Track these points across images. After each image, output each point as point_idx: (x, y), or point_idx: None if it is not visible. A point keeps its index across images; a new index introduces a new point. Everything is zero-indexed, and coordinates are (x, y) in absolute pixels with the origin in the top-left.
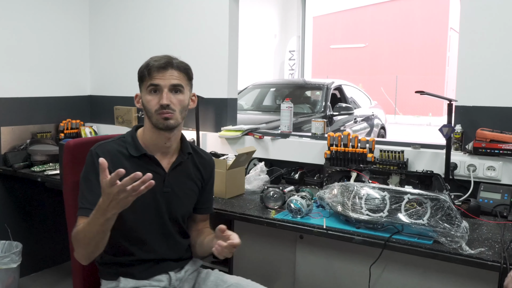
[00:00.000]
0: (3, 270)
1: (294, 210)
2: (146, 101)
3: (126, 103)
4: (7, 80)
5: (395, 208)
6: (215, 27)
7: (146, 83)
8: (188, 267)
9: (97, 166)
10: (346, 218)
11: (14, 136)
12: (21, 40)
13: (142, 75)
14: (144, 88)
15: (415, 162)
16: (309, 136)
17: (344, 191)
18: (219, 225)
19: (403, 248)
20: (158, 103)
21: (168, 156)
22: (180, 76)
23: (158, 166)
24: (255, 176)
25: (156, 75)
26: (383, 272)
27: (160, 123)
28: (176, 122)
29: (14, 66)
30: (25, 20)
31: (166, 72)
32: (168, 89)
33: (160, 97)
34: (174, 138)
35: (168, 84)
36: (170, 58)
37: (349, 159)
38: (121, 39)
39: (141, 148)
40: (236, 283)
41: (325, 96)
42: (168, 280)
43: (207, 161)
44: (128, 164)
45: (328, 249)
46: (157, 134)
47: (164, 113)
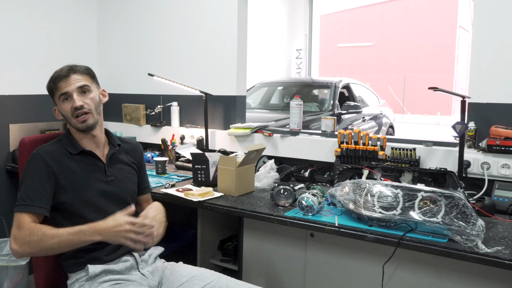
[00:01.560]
0: (12, 268)
1: (306, 208)
2: (62, 110)
3: (134, 101)
4: (16, 78)
5: (408, 206)
6: (224, 24)
7: (57, 95)
8: (152, 251)
9: (43, 167)
10: (358, 216)
11: (23, 133)
12: (30, 38)
13: (51, 89)
14: (57, 100)
15: (427, 160)
16: (319, 133)
17: (356, 189)
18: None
19: (417, 246)
20: (72, 107)
21: (101, 149)
22: (83, 77)
23: (96, 159)
24: (265, 173)
25: (62, 85)
26: (395, 270)
27: (80, 126)
28: (94, 120)
29: (22, 64)
30: (34, 18)
31: (70, 78)
32: (76, 93)
33: (72, 101)
34: (99, 133)
35: (75, 88)
36: (71, 65)
37: (360, 156)
38: (130, 37)
39: (79, 145)
40: (200, 274)
41: (333, 94)
42: (134, 260)
43: (135, 146)
44: (70, 162)
45: (339, 247)
46: (83, 135)
47: (80, 114)
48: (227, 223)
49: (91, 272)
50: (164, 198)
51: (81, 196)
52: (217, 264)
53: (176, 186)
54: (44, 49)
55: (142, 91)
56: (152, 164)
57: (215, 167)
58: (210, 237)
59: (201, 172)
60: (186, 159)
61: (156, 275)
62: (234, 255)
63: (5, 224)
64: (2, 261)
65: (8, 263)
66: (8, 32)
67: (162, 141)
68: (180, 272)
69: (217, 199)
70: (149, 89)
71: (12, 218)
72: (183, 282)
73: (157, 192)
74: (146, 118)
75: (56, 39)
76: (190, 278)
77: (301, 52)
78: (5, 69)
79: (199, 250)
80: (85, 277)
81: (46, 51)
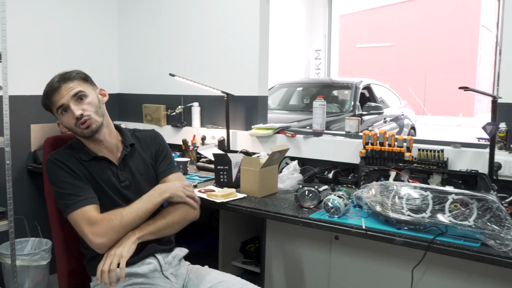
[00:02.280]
0: (33, 267)
1: (332, 210)
2: (64, 123)
3: (155, 101)
4: (36, 78)
5: (438, 208)
6: (246, 23)
7: (54, 110)
8: (176, 252)
9: (62, 167)
10: (386, 219)
11: (44, 133)
12: (51, 39)
13: (47, 106)
14: (56, 114)
15: (455, 161)
16: (342, 134)
17: (384, 191)
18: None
19: (449, 250)
20: (73, 117)
21: (114, 152)
22: (75, 83)
23: (110, 163)
24: (288, 175)
25: (56, 98)
26: (423, 275)
27: (85, 133)
28: (97, 123)
29: (43, 64)
30: (55, 18)
31: (61, 89)
32: (73, 102)
33: (71, 112)
34: (107, 135)
35: (69, 97)
36: (59, 75)
37: (386, 158)
38: (150, 37)
39: (91, 152)
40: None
41: (354, 95)
42: (157, 262)
43: (151, 139)
44: (83, 168)
45: (365, 250)
46: (91, 141)
47: (82, 123)
48: (248, 224)
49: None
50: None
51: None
52: (239, 266)
53: (198, 187)
54: (65, 49)
55: (163, 92)
56: None
57: (238, 168)
58: (232, 239)
59: (223, 173)
60: (208, 159)
61: (180, 278)
62: (256, 257)
63: (26, 223)
64: (23, 260)
65: (29, 262)
66: (29, 33)
67: (183, 142)
68: (206, 276)
69: (240, 201)
70: (170, 90)
71: (33, 218)
72: (209, 287)
73: None
74: (166, 118)
75: (76, 39)
76: (216, 283)
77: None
78: (26, 70)
79: (221, 252)
80: None
81: (67, 51)
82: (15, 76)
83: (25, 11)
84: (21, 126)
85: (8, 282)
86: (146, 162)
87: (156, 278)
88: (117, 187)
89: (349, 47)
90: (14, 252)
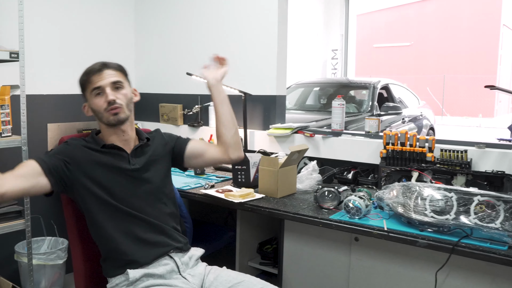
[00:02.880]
0: (49, 266)
1: (353, 211)
2: (94, 105)
3: (171, 101)
4: (53, 77)
5: (463, 210)
6: (264, 22)
7: (89, 89)
8: (192, 252)
9: (67, 153)
10: (408, 220)
11: (61, 132)
12: (67, 38)
13: (83, 83)
14: (89, 95)
15: (479, 162)
16: (362, 134)
17: (406, 192)
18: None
19: (474, 253)
20: (105, 101)
21: (130, 144)
22: (117, 73)
23: (120, 151)
24: (307, 175)
25: (95, 79)
26: (446, 278)
27: (111, 120)
28: (125, 114)
29: (60, 63)
30: (71, 18)
31: (103, 73)
32: (110, 87)
33: (105, 96)
34: (129, 129)
35: (108, 82)
36: (104, 62)
37: (407, 158)
38: (167, 37)
39: (101, 141)
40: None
41: (372, 95)
42: (174, 263)
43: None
44: (95, 155)
45: (386, 252)
46: (112, 131)
47: (113, 108)
48: (266, 225)
49: (132, 277)
50: (203, 199)
51: (107, 187)
52: (256, 267)
53: (216, 187)
54: (81, 48)
55: (180, 91)
56: None
57: (256, 168)
58: (249, 239)
59: (241, 173)
60: None
61: (198, 278)
62: (273, 258)
63: (43, 222)
64: (39, 259)
65: (45, 261)
66: (45, 32)
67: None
68: (225, 277)
69: (258, 201)
70: (187, 89)
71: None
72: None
73: (196, 193)
74: (183, 118)
75: (93, 39)
76: (236, 283)
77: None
78: (43, 69)
79: (238, 252)
80: (125, 282)
81: (83, 51)
82: (32, 75)
83: (42, 10)
84: (38, 125)
85: (24, 281)
86: (159, 151)
87: (174, 279)
88: (127, 168)
89: (366, 47)
90: (30, 251)
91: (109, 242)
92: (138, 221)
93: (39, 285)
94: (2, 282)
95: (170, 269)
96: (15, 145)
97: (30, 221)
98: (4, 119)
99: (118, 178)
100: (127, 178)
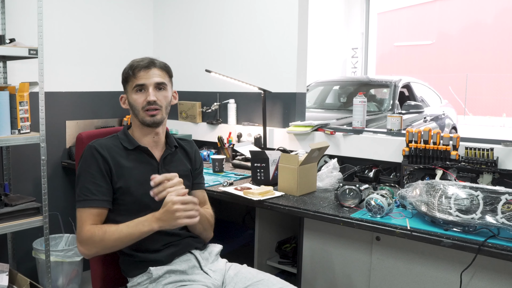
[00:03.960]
0: (67, 263)
1: (375, 209)
2: (133, 100)
3: (190, 98)
4: (72, 75)
5: (490, 209)
6: (284, 19)
7: (131, 84)
8: (211, 248)
9: (98, 159)
10: (432, 219)
11: (79, 129)
12: (86, 36)
13: (127, 76)
14: (130, 89)
15: (506, 161)
16: (384, 132)
17: (430, 190)
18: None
19: (501, 254)
20: (145, 100)
21: (158, 150)
22: (162, 74)
23: (151, 158)
24: (327, 173)
25: (140, 75)
26: (471, 279)
27: (147, 120)
28: (162, 117)
29: (79, 61)
30: (90, 16)
31: (150, 71)
32: (153, 87)
33: (146, 94)
34: (161, 132)
35: (153, 82)
36: (152, 58)
37: (430, 156)
38: (185, 34)
39: (135, 141)
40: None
41: (393, 93)
42: (195, 259)
43: (192, 150)
44: (124, 157)
45: (408, 252)
46: (145, 130)
47: (152, 109)
48: (285, 223)
49: (155, 274)
50: (222, 197)
51: (131, 195)
52: (275, 266)
53: (234, 184)
54: (100, 46)
55: (198, 88)
56: (209, 162)
57: (275, 166)
58: (268, 238)
59: (260, 171)
60: (244, 157)
61: (219, 273)
62: (292, 257)
63: (61, 219)
64: (57, 256)
65: (63, 258)
66: (64, 29)
67: (219, 139)
68: (246, 274)
69: (277, 199)
70: (206, 86)
71: (68, 214)
72: (248, 285)
73: (215, 190)
74: (202, 115)
75: (111, 37)
76: (256, 282)
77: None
78: (62, 66)
79: (256, 251)
80: (148, 280)
81: (102, 49)
82: (51, 73)
83: (61, 7)
84: (56, 122)
85: (42, 277)
86: (186, 167)
87: (196, 275)
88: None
89: (387, 45)
90: (48, 248)
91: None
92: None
93: (57, 282)
94: (20, 278)
95: (192, 265)
96: (33, 141)
97: (48, 218)
98: (23, 115)
99: (143, 184)
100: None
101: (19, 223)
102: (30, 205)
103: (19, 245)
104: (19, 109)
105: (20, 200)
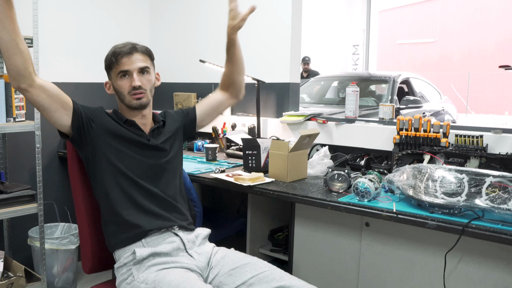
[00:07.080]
0: (62, 251)
1: (361, 193)
2: (118, 86)
3: (186, 89)
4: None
5: (474, 192)
6: (278, 9)
7: (115, 70)
8: (198, 231)
9: (96, 114)
10: (418, 202)
11: None
12: (81, 27)
13: (110, 63)
14: (114, 75)
15: (495, 148)
16: (376, 121)
17: (417, 174)
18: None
19: (485, 234)
20: (130, 85)
21: (147, 127)
22: (145, 58)
23: (139, 130)
24: (318, 160)
25: (124, 61)
26: (458, 263)
27: (134, 103)
28: (148, 100)
29: (74, 52)
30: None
31: (132, 56)
32: (137, 72)
33: (131, 80)
34: (148, 113)
35: (136, 67)
36: (133, 43)
37: (421, 144)
38: (181, 26)
39: (123, 116)
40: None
41: (392, 89)
42: (180, 241)
43: (174, 113)
44: (117, 126)
45: (397, 237)
46: (132, 113)
47: (137, 93)
48: (278, 212)
49: (138, 255)
50: (213, 183)
51: (120, 155)
52: (267, 254)
53: (226, 172)
54: (95, 38)
55: (194, 80)
56: (203, 151)
57: (267, 153)
58: (260, 227)
59: (251, 158)
60: (237, 147)
61: (204, 256)
62: (284, 245)
63: (56, 209)
64: (52, 244)
65: (58, 246)
66: (60, 20)
67: (213, 129)
68: (232, 257)
69: (267, 184)
70: (201, 77)
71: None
72: (235, 268)
73: (206, 177)
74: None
75: (107, 28)
76: (243, 265)
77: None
78: (57, 57)
79: (249, 239)
80: (132, 262)
81: (97, 40)
82: (47, 63)
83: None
84: None
85: (37, 265)
86: (172, 129)
87: (180, 257)
88: (145, 143)
89: (388, 43)
90: (43, 235)
91: (113, 206)
92: (144, 192)
93: (52, 270)
94: (15, 265)
95: (176, 247)
96: (28, 129)
97: (43, 206)
98: (18, 104)
99: (133, 148)
100: (142, 153)
101: (14, 210)
102: (25, 192)
103: (15, 234)
104: (14, 97)
105: (16, 187)
